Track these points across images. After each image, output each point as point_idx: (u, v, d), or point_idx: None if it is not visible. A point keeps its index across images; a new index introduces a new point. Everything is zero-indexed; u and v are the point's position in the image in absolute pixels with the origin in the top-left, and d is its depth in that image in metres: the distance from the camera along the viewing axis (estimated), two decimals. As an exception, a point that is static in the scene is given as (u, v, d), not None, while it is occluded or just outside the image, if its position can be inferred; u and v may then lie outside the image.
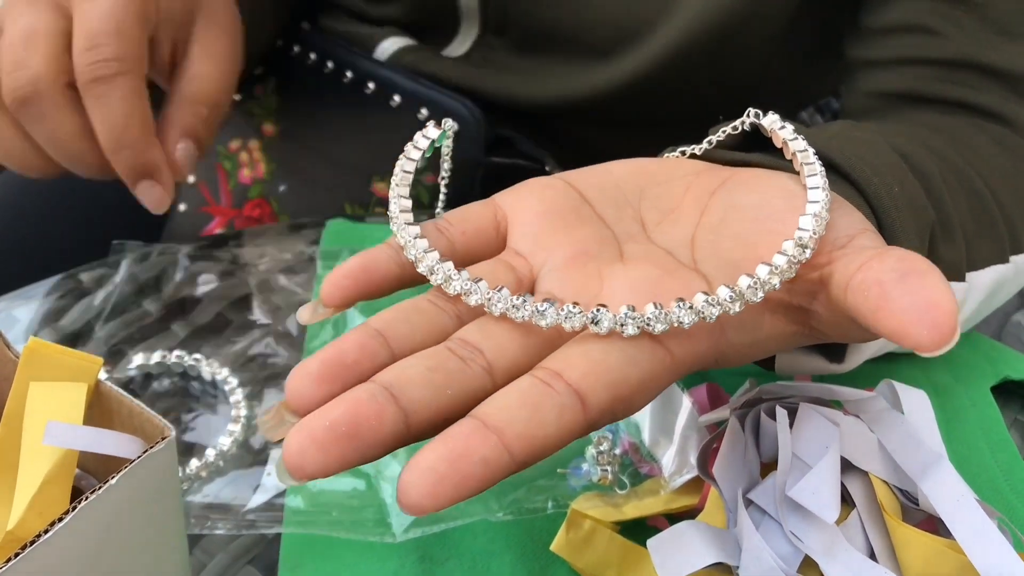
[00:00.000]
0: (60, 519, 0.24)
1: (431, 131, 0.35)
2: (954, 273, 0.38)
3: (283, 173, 0.64)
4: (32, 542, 0.24)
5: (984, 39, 0.46)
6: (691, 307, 0.27)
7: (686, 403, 0.38)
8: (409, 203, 0.32)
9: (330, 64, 0.60)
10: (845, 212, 0.30)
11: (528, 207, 0.33)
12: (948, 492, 0.30)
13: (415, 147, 0.34)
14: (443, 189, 0.38)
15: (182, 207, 0.67)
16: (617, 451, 0.38)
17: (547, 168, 0.58)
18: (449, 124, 0.36)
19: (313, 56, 0.61)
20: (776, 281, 0.28)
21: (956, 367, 0.44)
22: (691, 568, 0.30)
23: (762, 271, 0.27)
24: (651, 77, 0.55)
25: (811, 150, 0.32)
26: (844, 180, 0.34)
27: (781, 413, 0.32)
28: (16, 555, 0.24)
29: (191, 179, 0.68)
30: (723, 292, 0.27)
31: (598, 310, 0.27)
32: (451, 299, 0.29)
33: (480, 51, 0.60)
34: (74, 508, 0.24)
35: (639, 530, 0.36)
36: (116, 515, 0.26)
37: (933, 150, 0.41)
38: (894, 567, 0.29)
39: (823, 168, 0.31)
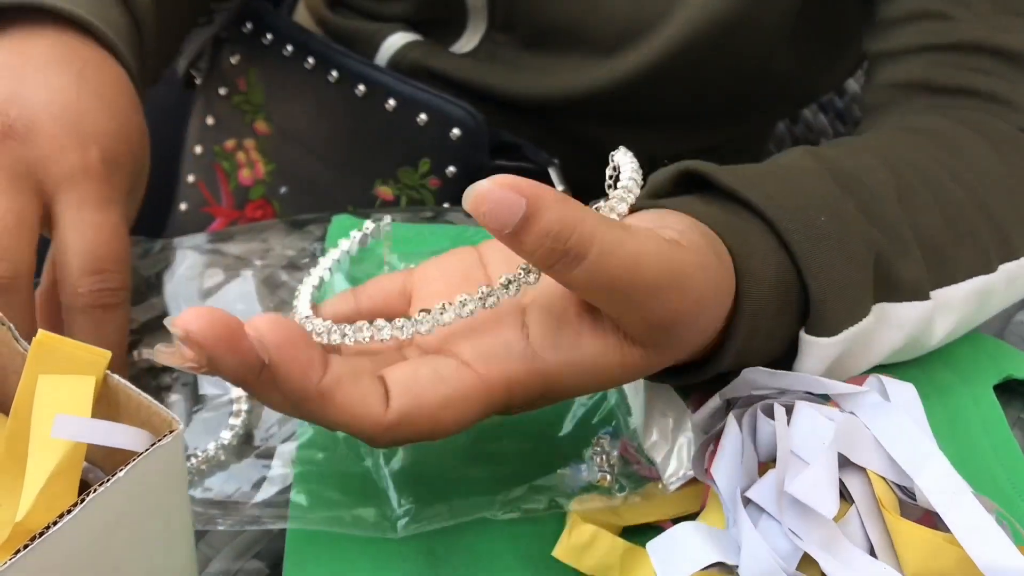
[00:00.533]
0: (68, 512, 0.24)
1: (355, 239, 0.41)
2: (916, 292, 0.38)
3: (283, 175, 0.64)
4: (40, 534, 0.24)
5: (995, 21, 0.47)
6: (448, 304, 0.32)
7: (682, 407, 0.38)
8: (309, 296, 0.38)
9: (311, 60, 0.60)
10: (653, 220, 0.33)
11: (431, 274, 0.37)
12: (943, 485, 0.30)
13: (341, 248, 0.41)
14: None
15: (183, 206, 0.67)
16: (616, 452, 0.38)
17: (551, 173, 0.58)
18: (387, 221, 0.41)
19: (290, 48, 0.60)
20: (531, 277, 0.31)
21: (959, 366, 0.44)
22: (691, 569, 0.30)
23: (517, 271, 0.31)
24: (656, 73, 0.55)
25: (628, 172, 0.34)
26: (758, 218, 0.35)
27: (779, 411, 0.32)
28: (25, 547, 0.24)
29: (191, 178, 0.67)
30: (480, 289, 0.32)
31: (383, 321, 0.32)
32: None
33: (487, 47, 0.60)
34: (82, 501, 0.25)
35: (641, 530, 0.36)
36: (124, 508, 0.26)
37: (905, 163, 0.41)
38: (893, 563, 0.29)
39: (631, 186, 0.33)
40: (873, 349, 0.39)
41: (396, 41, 0.61)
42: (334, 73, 0.58)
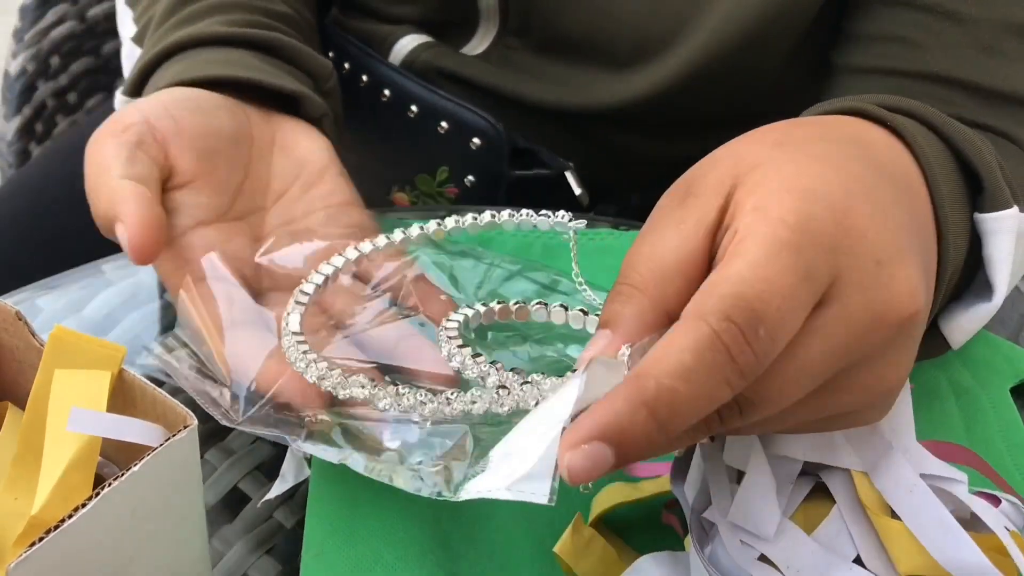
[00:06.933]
0: (83, 505, 0.25)
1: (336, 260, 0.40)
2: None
3: None
4: (55, 527, 0.24)
5: (965, 56, 0.46)
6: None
7: None
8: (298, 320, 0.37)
9: (347, 65, 0.60)
10: None
11: None
12: (899, 482, 0.30)
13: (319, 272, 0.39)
14: None
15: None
16: None
17: (568, 176, 0.58)
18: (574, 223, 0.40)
19: (331, 55, 0.61)
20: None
21: (976, 368, 0.44)
22: None
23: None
24: (669, 92, 0.55)
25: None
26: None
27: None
28: (40, 540, 0.24)
29: None
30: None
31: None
32: None
33: (498, 51, 0.60)
34: (97, 494, 0.25)
35: (647, 534, 0.36)
36: (138, 502, 0.26)
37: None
38: (883, 563, 0.29)
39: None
40: None
41: (408, 43, 0.61)
42: (364, 78, 0.58)
